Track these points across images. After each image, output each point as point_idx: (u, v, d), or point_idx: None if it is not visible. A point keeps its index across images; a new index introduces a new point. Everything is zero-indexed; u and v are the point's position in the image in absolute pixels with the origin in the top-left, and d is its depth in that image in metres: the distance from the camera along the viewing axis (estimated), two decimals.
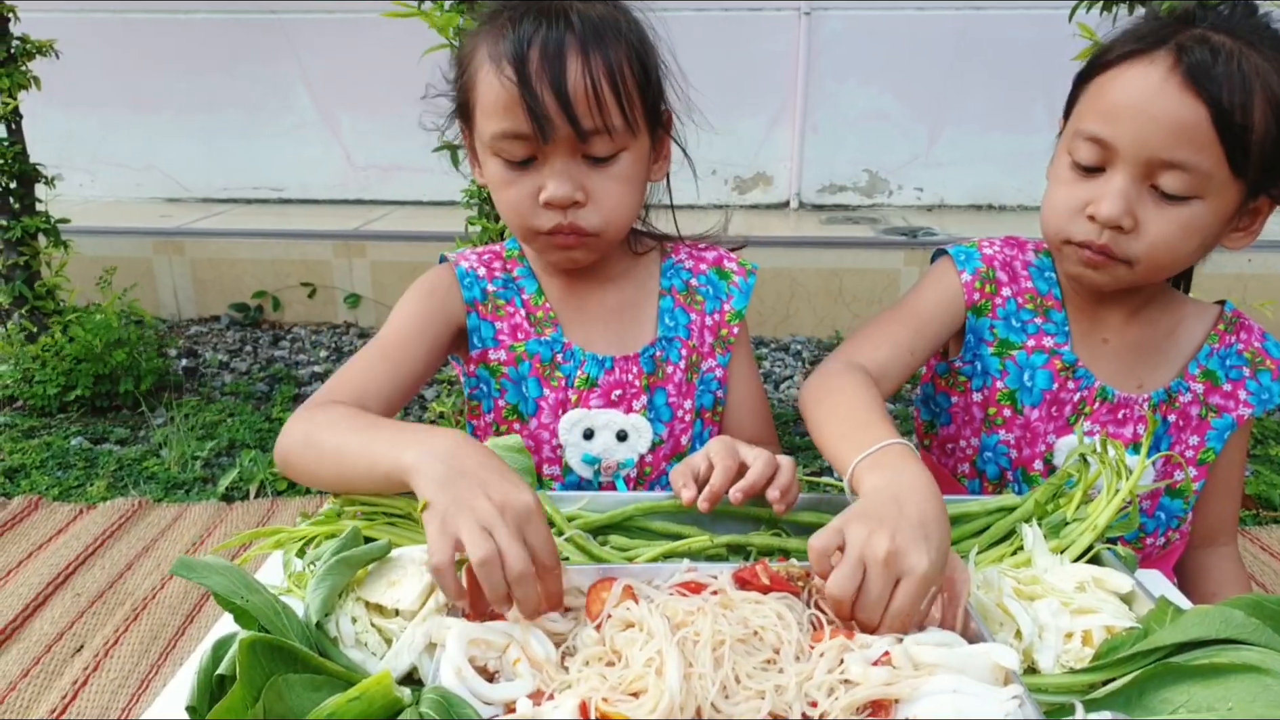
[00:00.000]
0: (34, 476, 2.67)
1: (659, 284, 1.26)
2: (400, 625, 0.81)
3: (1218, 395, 1.17)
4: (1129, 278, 1.06)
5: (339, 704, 0.66)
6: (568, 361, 1.20)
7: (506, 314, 1.22)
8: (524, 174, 1.08)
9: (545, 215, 1.08)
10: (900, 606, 0.74)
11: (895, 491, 0.82)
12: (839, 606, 0.75)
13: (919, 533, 0.76)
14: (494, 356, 1.20)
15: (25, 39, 3.03)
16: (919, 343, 1.18)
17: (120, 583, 2.08)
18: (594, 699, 0.68)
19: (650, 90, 1.10)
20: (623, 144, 1.08)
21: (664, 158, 1.20)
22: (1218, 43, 0.95)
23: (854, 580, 0.74)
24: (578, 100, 1.02)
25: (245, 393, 3.33)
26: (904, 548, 0.75)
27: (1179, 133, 0.95)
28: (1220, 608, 0.70)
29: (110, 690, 1.70)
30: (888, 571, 0.74)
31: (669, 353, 1.22)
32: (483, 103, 1.06)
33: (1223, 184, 0.97)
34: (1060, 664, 0.76)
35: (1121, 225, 1.00)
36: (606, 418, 1.20)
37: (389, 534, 0.96)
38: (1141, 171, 0.99)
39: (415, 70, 1.17)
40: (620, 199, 1.10)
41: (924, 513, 0.79)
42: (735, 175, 4.73)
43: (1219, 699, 0.64)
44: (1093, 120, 1.01)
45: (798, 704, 0.68)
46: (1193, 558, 1.25)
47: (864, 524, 0.77)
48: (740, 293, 1.27)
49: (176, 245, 4.11)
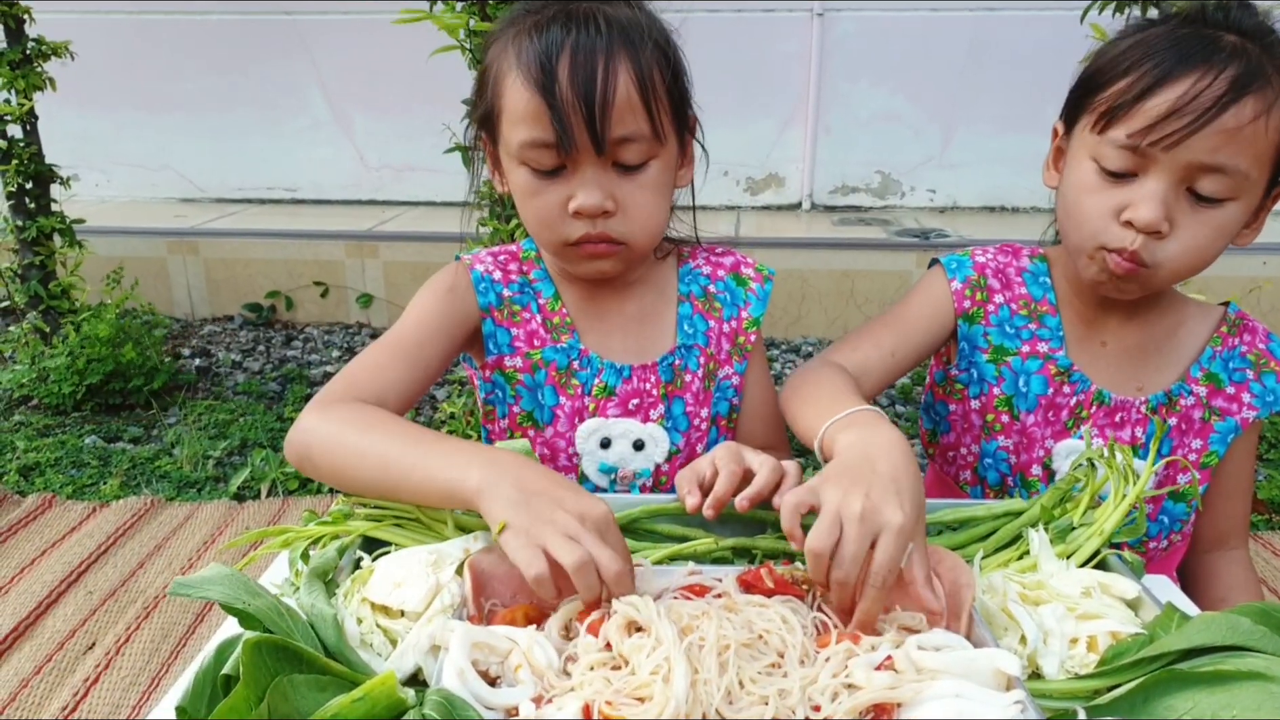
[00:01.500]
0: (48, 475, 2.70)
1: (677, 290, 1.24)
2: (406, 626, 0.82)
3: (1221, 398, 1.16)
4: (1151, 283, 1.05)
5: (343, 704, 0.67)
6: (584, 369, 1.18)
7: (523, 320, 1.20)
8: (552, 183, 1.05)
9: (574, 225, 1.06)
10: (882, 561, 0.74)
11: (866, 449, 0.83)
12: (817, 563, 0.75)
13: (891, 488, 0.77)
14: (510, 363, 1.18)
15: (40, 40, 3.05)
16: (901, 345, 1.18)
17: (132, 581, 2.09)
18: (598, 702, 0.68)
19: (678, 94, 1.09)
20: (652, 152, 1.06)
21: (689, 163, 1.17)
22: (1241, 45, 0.96)
23: (831, 536, 0.75)
24: (609, 109, 1.00)
25: (258, 392, 3.34)
26: (879, 504, 0.75)
27: (1223, 135, 0.94)
28: (1227, 614, 0.70)
29: (121, 688, 1.72)
30: (864, 527, 0.74)
31: (688, 361, 1.20)
32: (510, 111, 1.03)
33: (1255, 183, 0.98)
34: (1065, 670, 0.76)
35: (1160, 230, 0.99)
36: (623, 427, 1.19)
37: (396, 536, 0.96)
38: (1179, 176, 0.98)
39: (429, 71, 1.16)
40: (651, 208, 1.08)
41: (896, 468, 0.80)
42: (747, 176, 4.73)
43: (1224, 706, 0.63)
44: (1131, 130, 0.99)
45: (801, 708, 0.68)
46: (1202, 561, 1.24)
47: (838, 483, 0.78)
48: (758, 299, 1.25)
49: (190, 245, 4.13)
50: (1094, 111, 1.03)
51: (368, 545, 0.94)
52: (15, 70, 2.99)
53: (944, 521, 0.98)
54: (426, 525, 0.98)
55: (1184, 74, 0.95)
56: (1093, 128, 1.03)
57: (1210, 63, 0.94)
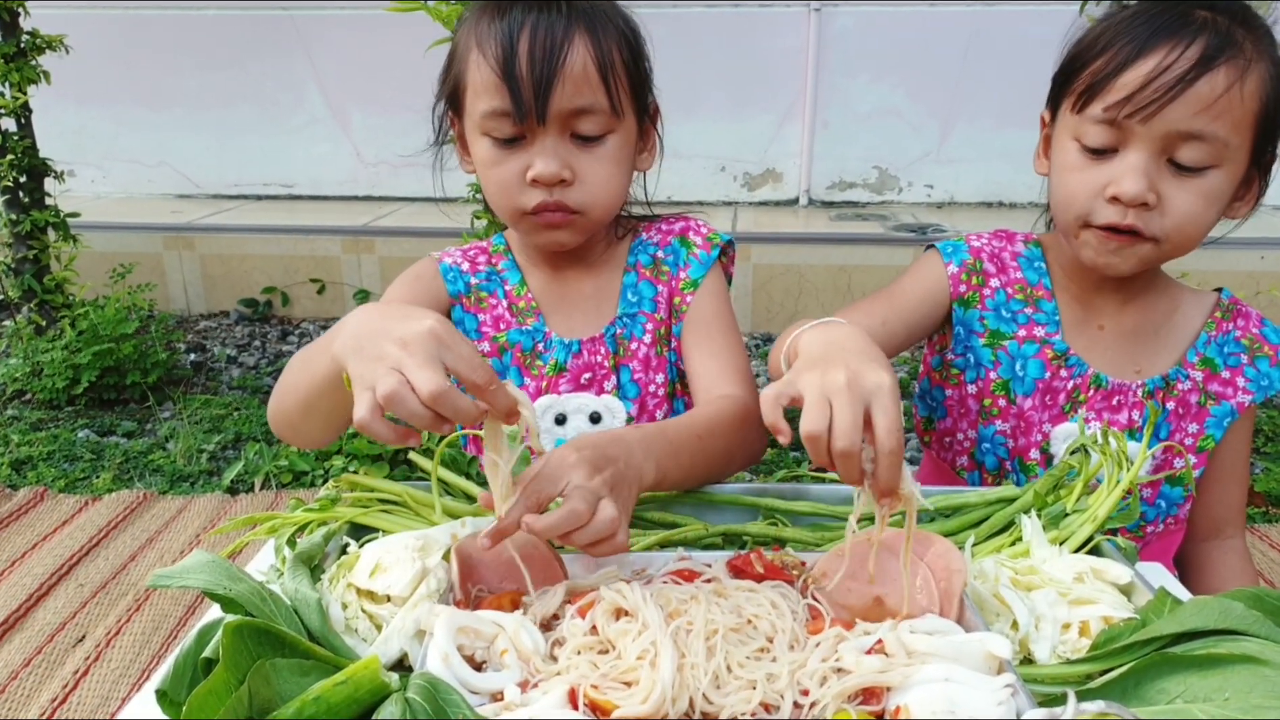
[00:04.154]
0: (41, 468, 2.68)
1: (625, 262, 1.26)
2: (391, 611, 0.81)
3: (1216, 383, 1.17)
4: (1154, 256, 1.06)
5: (325, 687, 0.66)
6: (549, 351, 1.20)
7: (489, 305, 1.23)
8: (512, 153, 1.09)
9: (532, 193, 1.09)
10: (886, 424, 0.73)
11: (828, 338, 0.82)
12: (815, 445, 0.73)
13: (866, 357, 0.76)
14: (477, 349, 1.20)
15: (35, 34, 3.04)
16: (893, 317, 1.18)
17: (123, 574, 2.08)
18: (583, 686, 0.67)
19: (639, 77, 1.12)
20: (610, 126, 1.09)
21: (650, 149, 1.21)
22: (1211, 18, 0.99)
23: (823, 414, 0.73)
24: (565, 76, 1.03)
25: (253, 387, 3.33)
26: (860, 370, 0.74)
27: (1197, 102, 0.96)
28: (1220, 599, 0.69)
29: (111, 680, 1.71)
30: (852, 394, 0.73)
31: (631, 329, 1.21)
32: (473, 83, 1.08)
33: (1235, 150, 0.99)
34: (1057, 655, 0.75)
35: (1147, 202, 1.00)
36: (578, 401, 1.20)
37: (383, 522, 0.95)
38: (1158, 147, 1.00)
39: (426, 67, 1.18)
40: (607, 179, 1.11)
41: (863, 346, 0.79)
42: (745, 172, 4.71)
43: (1216, 689, 0.62)
44: (1106, 104, 1.01)
45: (789, 692, 0.67)
46: (1198, 550, 1.24)
47: (812, 368, 0.76)
48: (698, 263, 1.23)
49: (187, 241, 4.12)
50: (1074, 93, 1.05)
51: (356, 533, 0.94)
52: (9, 64, 2.98)
53: (937, 508, 0.97)
54: (414, 511, 0.97)
55: (1156, 47, 0.98)
56: (1073, 108, 1.05)
57: (1181, 35, 0.97)
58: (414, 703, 0.66)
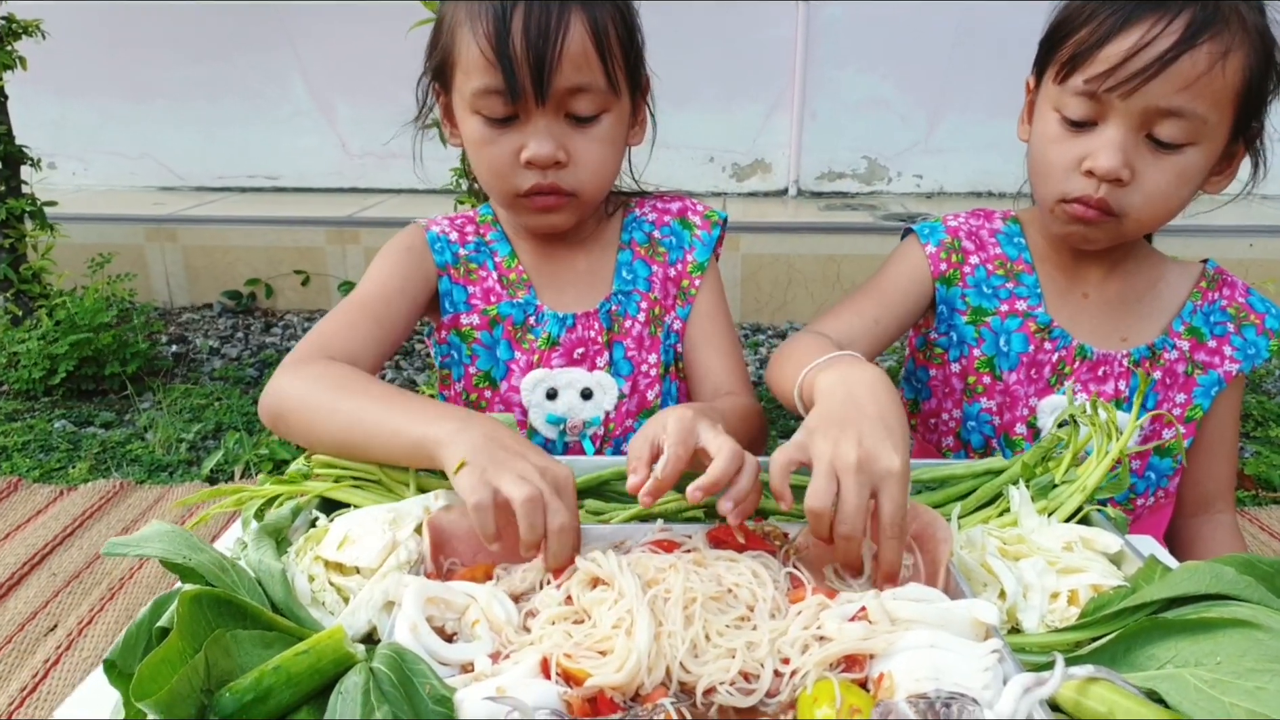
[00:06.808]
0: (15, 459, 2.64)
1: (619, 239, 1.24)
2: (359, 584, 0.78)
3: (1203, 352, 1.16)
4: (1119, 232, 1.05)
5: (286, 657, 0.63)
6: (540, 324, 1.18)
7: (479, 277, 1.20)
8: (505, 132, 1.06)
9: (525, 175, 1.07)
10: (891, 511, 0.71)
11: (849, 388, 0.80)
12: (818, 521, 0.72)
13: (882, 431, 0.74)
14: (466, 321, 1.18)
15: (10, 18, 2.99)
16: (884, 314, 1.16)
17: (98, 563, 2.04)
18: (556, 655, 0.65)
19: (633, 51, 1.09)
20: (606, 104, 1.06)
21: (642, 123, 1.19)
22: None
23: (830, 491, 0.71)
24: (562, 55, 1.00)
25: (235, 378, 3.29)
26: (873, 451, 0.72)
27: (1179, 79, 0.94)
28: (1210, 564, 0.67)
29: (83, 668, 1.67)
30: (862, 477, 0.71)
31: (626, 306, 1.20)
32: (463, 59, 1.04)
33: (1215, 127, 0.98)
34: (1045, 624, 0.73)
35: (1120, 177, 0.99)
36: (569, 376, 1.18)
37: (355, 497, 0.93)
38: (1137, 122, 0.98)
39: (411, 57, 1.16)
40: (602, 160, 1.09)
41: (883, 408, 0.77)
42: (733, 162, 4.69)
43: (1207, 654, 0.60)
44: (1088, 76, 0.99)
45: (770, 661, 0.65)
46: (1188, 526, 1.23)
47: (827, 433, 0.74)
48: (702, 245, 1.23)
49: (169, 233, 4.08)
50: (1058, 62, 1.03)
51: (327, 508, 0.91)
52: None
53: (922, 480, 0.95)
54: (387, 487, 0.95)
55: (1140, 19, 0.95)
56: (1055, 78, 1.04)
57: (1166, 8, 0.95)
58: (379, 673, 0.63)
